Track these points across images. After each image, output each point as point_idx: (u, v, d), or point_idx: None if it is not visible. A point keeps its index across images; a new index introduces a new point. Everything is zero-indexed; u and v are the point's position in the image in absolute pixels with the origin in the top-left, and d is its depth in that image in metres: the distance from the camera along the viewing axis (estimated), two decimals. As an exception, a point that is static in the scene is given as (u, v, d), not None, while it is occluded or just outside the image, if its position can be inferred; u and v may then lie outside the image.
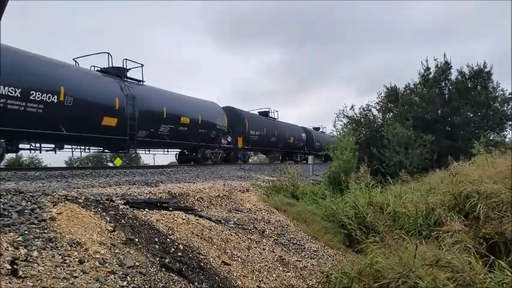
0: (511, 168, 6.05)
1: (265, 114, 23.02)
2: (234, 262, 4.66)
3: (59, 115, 9.96)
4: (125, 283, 3.08)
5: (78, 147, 12.39)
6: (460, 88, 17.24)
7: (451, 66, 17.70)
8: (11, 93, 8.81)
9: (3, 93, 8.67)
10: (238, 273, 4.41)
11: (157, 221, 4.83)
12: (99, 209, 4.46)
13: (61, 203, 4.31)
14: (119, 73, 12.94)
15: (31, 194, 4.41)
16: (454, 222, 4.97)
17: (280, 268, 5.00)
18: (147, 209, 5.16)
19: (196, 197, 6.93)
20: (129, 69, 13.59)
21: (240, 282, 4.23)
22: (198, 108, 15.68)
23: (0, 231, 3.15)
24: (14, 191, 4.42)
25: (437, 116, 17.06)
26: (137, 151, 15.99)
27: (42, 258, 2.97)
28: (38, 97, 9.37)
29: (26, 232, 3.27)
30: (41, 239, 3.22)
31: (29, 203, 4.05)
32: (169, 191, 6.66)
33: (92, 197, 4.91)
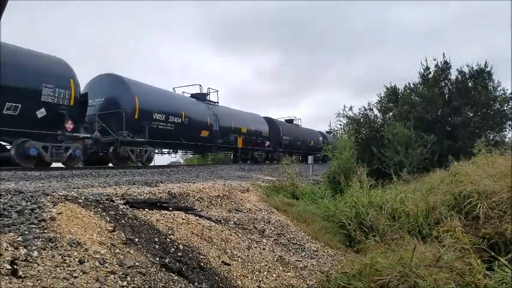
0: (510, 168, 6.05)
1: (290, 121, 27.69)
2: (234, 262, 4.66)
3: (181, 131, 14.92)
4: (124, 283, 3.07)
5: (183, 151, 18.25)
6: (460, 88, 17.23)
7: (451, 66, 17.71)
8: (160, 118, 13.77)
9: (157, 118, 13.54)
10: (238, 273, 4.41)
11: (157, 221, 4.83)
12: (99, 209, 4.46)
13: (61, 203, 4.31)
14: (203, 97, 17.78)
15: (31, 194, 4.41)
16: (454, 222, 4.97)
17: (280, 268, 5.00)
18: (147, 209, 5.16)
19: (196, 197, 6.93)
20: (209, 93, 18.42)
21: (240, 282, 4.23)
22: (250, 121, 20.78)
23: (0, 231, 3.15)
24: (13, 190, 4.42)
25: (438, 116, 17.06)
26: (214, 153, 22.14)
27: (42, 258, 2.97)
28: (172, 119, 14.39)
29: (26, 232, 3.27)
30: (40, 239, 3.22)
31: (29, 203, 4.05)
32: (169, 191, 6.66)
33: (91, 197, 4.91)
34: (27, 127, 9.34)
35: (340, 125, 17.01)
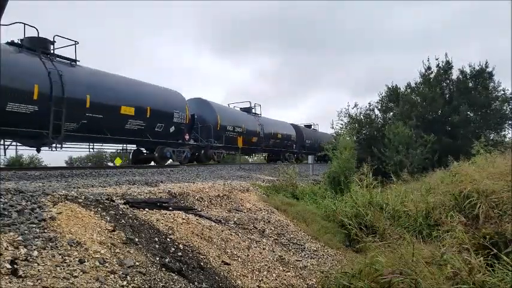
0: (510, 168, 6.05)
1: (309, 126, 31.01)
2: (234, 262, 4.66)
3: (240, 138, 19.19)
4: (124, 283, 3.08)
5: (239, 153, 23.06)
6: (460, 88, 17.24)
7: (452, 66, 17.72)
8: (230, 129, 18.51)
9: (228, 129, 18.28)
10: (238, 273, 4.41)
11: (157, 220, 4.83)
12: (99, 209, 4.46)
13: (61, 202, 4.31)
14: (250, 110, 22.27)
15: (31, 193, 4.41)
16: (454, 222, 4.97)
17: (280, 268, 5.00)
18: (147, 209, 5.16)
19: (196, 197, 6.93)
20: (254, 107, 23.04)
21: (240, 282, 4.23)
22: (283, 127, 25.15)
23: (0, 231, 3.15)
24: (14, 190, 4.42)
25: (438, 116, 17.06)
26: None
27: (42, 257, 2.97)
28: (237, 130, 18.98)
29: (26, 232, 3.27)
30: (41, 239, 3.22)
31: (29, 202, 4.05)
32: (169, 191, 6.66)
33: (91, 196, 4.91)
34: (164, 138, 14.00)
35: (342, 124, 16.99)
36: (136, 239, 4.01)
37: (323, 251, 6.22)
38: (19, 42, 10.04)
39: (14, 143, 10.43)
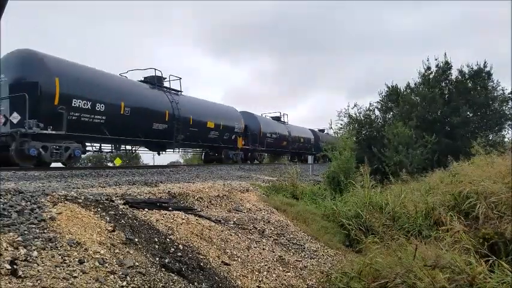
0: (510, 168, 6.05)
1: (322, 130, 34.68)
2: (234, 262, 4.66)
3: (275, 142, 23.65)
4: (124, 283, 3.08)
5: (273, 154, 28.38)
6: (459, 88, 17.25)
7: (451, 66, 17.72)
8: (269, 136, 22.66)
9: (267, 135, 22.50)
10: (238, 273, 4.41)
11: (157, 221, 4.83)
12: (99, 209, 4.45)
13: (61, 202, 4.30)
14: (279, 119, 27.13)
15: (31, 193, 4.40)
16: (454, 223, 4.97)
17: (280, 268, 5.00)
18: (146, 209, 5.16)
19: (195, 197, 6.92)
20: (282, 116, 27.89)
21: (239, 282, 4.23)
22: (304, 132, 29.67)
23: (0, 231, 3.15)
24: (13, 190, 4.41)
25: (437, 116, 17.07)
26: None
27: (42, 258, 2.96)
28: (273, 136, 23.30)
29: (26, 232, 3.26)
30: (40, 239, 3.21)
31: (29, 202, 4.04)
32: (168, 191, 6.65)
33: (91, 197, 4.91)
34: (228, 144, 18.95)
35: (341, 124, 16.97)
36: (136, 239, 4.01)
37: (323, 251, 6.22)
38: (143, 79, 14.95)
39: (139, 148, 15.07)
